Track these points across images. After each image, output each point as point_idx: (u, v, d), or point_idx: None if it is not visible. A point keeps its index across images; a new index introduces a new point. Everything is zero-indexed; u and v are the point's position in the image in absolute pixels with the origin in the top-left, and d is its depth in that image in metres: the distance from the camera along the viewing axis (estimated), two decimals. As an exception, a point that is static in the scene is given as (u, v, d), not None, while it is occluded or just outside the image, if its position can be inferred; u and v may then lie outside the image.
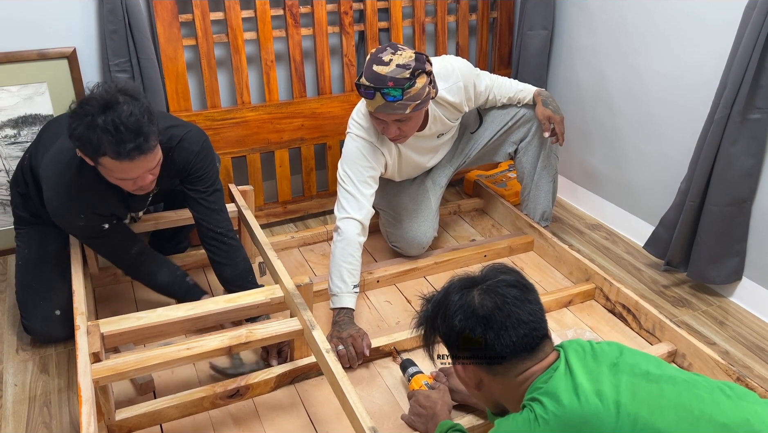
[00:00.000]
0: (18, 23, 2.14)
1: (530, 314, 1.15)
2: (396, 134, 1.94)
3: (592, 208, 2.76)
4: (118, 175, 1.59)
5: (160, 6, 2.22)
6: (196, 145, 1.82)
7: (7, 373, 1.87)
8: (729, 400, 1.07)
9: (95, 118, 1.49)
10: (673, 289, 2.27)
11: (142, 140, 1.52)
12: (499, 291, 1.16)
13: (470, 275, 1.24)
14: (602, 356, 1.14)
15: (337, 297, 1.92)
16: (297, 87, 2.52)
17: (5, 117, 2.21)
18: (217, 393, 1.67)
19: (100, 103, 1.50)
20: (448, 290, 1.22)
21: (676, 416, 1.03)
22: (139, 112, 1.51)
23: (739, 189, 2.05)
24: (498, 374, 1.17)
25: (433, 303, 1.25)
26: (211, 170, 1.87)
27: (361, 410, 1.37)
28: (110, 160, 1.53)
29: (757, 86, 1.91)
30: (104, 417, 1.54)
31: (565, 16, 2.70)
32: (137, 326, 1.61)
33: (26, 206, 1.97)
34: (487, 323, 1.13)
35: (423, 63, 1.83)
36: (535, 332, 1.15)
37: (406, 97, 1.81)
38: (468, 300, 1.16)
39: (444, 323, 1.19)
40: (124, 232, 1.87)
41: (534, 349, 1.15)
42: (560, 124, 2.19)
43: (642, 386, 1.07)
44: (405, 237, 2.24)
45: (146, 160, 1.57)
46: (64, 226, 1.81)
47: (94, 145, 1.51)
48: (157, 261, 1.91)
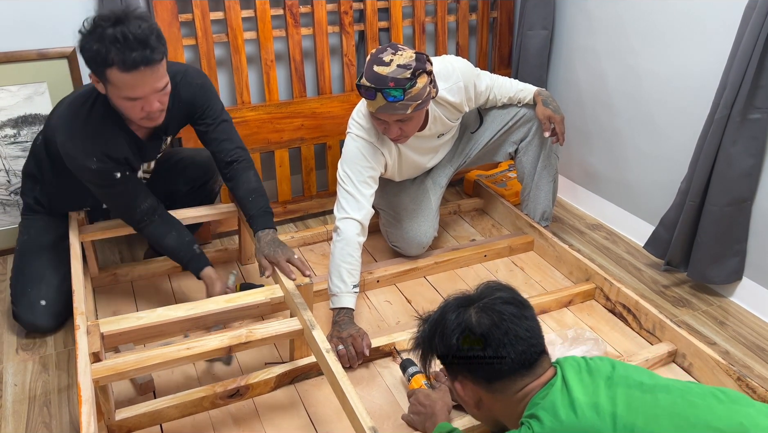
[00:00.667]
0: (18, 23, 2.14)
1: (527, 330, 1.16)
2: (397, 134, 1.94)
3: (593, 208, 2.76)
4: (125, 92, 1.63)
5: (160, 6, 2.22)
6: (199, 78, 1.91)
7: (7, 373, 1.87)
8: (722, 405, 1.07)
9: (105, 29, 1.56)
10: (673, 289, 2.27)
11: (149, 52, 1.57)
12: (495, 309, 1.17)
13: (466, 293, 1.25)
14: (597, 371, 1.15)
15: (337, 297, 1.92)
16: (297, 87, 2.52)
17: (5, 117, 2.21)
18: (217, 393, 1.67)
19: (112, 18, 1.58)
20: (445, 309, 1.22)
21: (671, 424, 1.04)
22: (148, 28, 1.58)
23: (739, 189, 2.04)
24: (497, 392, 1.17)
25: (430, 323, 1.25)
26: (216, 102, 1.95)
27: (361, 410, 1.37)
28: (117, 73, 1.58)
29: (757, 86, 1.91)
30: (104, 417, 1.54)
31: (565, 17, 2.70)
32: (137, 325, 1.61)
33: (33, 191, 2.02)
34: (485, 341, 1.14)
35: (424, 63, 1.83)
36: (532, 348, 1.16)
37: (407, 98, 1.81)
38: (465, 318, 1.17)
39: (442, 342, 1.20)
40: (136, 184, 1.90)
41: (532, 365, 1.16)
42: (560, 123, 2.19)
43: (637, 396, 1.08)
44: (405, 237, 2.24)
45: (153, 75, 1.62)
46: (77, 171, 1.83)
47: (102, 56, 1.57)
48: (169, 223, 1.95)
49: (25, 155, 2.26)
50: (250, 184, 1.93)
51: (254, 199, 1.91)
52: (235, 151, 1.94)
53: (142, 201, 1.89)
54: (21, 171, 2.08)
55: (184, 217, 2.09)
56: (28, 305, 1.96)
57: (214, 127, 1.93)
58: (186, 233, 1.97)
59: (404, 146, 2.10)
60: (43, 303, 1.95)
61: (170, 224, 1.95)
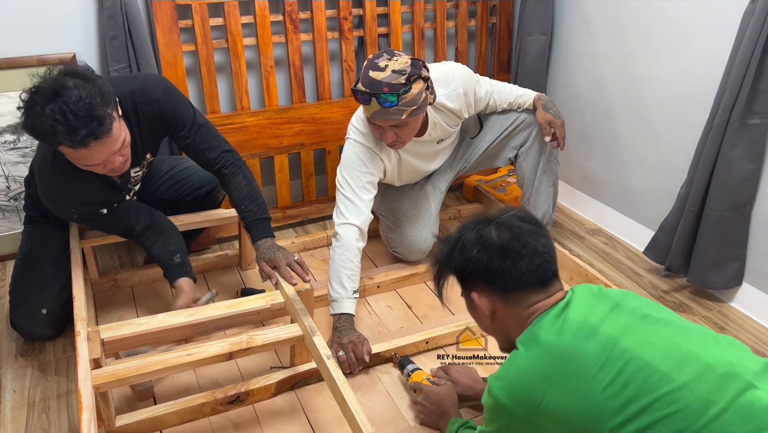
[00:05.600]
0: (18, 29, 2.14)
1: (544, 246, 1.20)
2: (393, 140, 1.94)
3: (592, 213, 2.76)
4: (81, 162, 1.56)
5: (160, 12, 2.22)
6: (157, 89, 1.77)
7: (6, 379, 1.87)
8: (718, 346, 1.11)
9: (43, 107, 1.44)
10: (673, 294, 2.27)
11: (96, 125, 1.46)
12: (514, 224, 1.21)
13: (485, 213, 1.29)
14: (607, 298, 1.19)
15: (337, 303, 1.92)
16: (296, 92, 2.52)
17: (5, 123, 2.20)
18: (218, 399, 1.66)
19: (48, 91, 1.45)
20: (464, 227, 1.26)
21: (663, 352, 1.07)
22: (87, 96, 1.46)
23: (738, 194, 2.05)
24: (512, 303, 1.21)
25: (449, 241, 1.28)
26: (184, 108, 1.83)
27: (362, 417, 1.37)
28: (67, 149, 1.50)
29: (756, 91, 1.92)
30: (104, 423, 1.54)
31: (564, 22, 2.70)
32: (137, 331, 1.61)
33: (35, 206, 1.99)
34: (504, 252, 1.18)
35: (419, 69, 1.83)
36: (548, 264, 1.20)
37: (402, 103, 1.81)
38: (485, 233, 1.21)
39: (461, 255, 1.22)
40: (125, 210, 1.87)
41: (546, 283, 1.20)
42: (561, 128, 2.20)
43: (637, 324, 1.12)
44: (405, 242, 2.24)
45: (105, 145, 1.52)
46: (63, 217, 1.82)
47: (48, 136, 1.47)
48: (157, 232, 1.92)
49: (25, 161, 2.26)
50: (240, 191, 1.91)
51: (246, 207, 1.90)
52: (221, 157, 1.90)
53: (135, 222, 1.88)
54: (23, 181, 2.06)
55: (184, 222, 2.09)
56: (28, 313, 1.94)
57: (192, 137, 1.85)
58: (172, 243, 1.93)
59: (403, 152, 2.10)
60: (44, 312, 1.94)
61: (159, 234, 1.92)
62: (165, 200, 2.13)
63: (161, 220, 1.96)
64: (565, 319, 1.14)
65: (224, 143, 1.93)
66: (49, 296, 1.95)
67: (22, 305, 1.95)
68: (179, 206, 2.15)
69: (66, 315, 1.97)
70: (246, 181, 1.92)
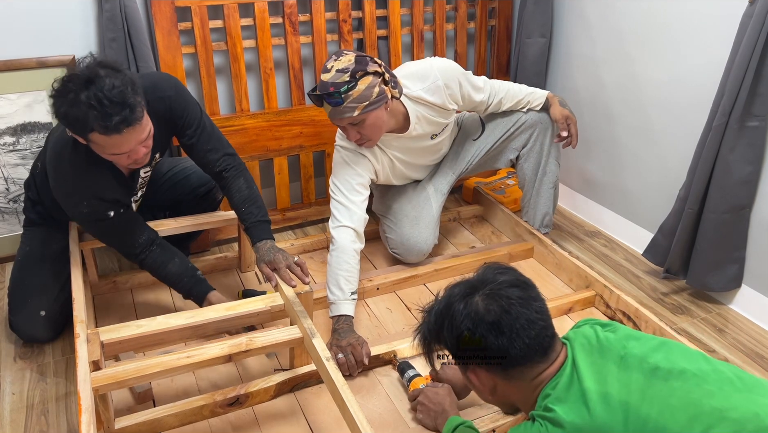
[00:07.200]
0: (17, 31, 2.14)
1: (537, 312, 1.14)
2: (357, 138, 1.95)
3: (591, 215, 2.76)
4: (110, 150, 1.58)
5: (160, 14, 2.22)
6: (170, 87, 1.82)
7: (5, 381, 1.86)
8: (739, 394, 1.06)
9: (78, 94, 1.47)
10: (672, 296, 2.27)
11: (128, 112, 1.50)
12: (502, 294, 1.14)
13: (467, 279, 1.22)
14: (609, 350, 1.13)
15: (335, 305, 1.92)
16: (296, 94, 2.53)
17: (4, 125, 2.20)
18: (217, 401, 1.66)
19: (82, 79, 1.49)
20: (450, 298, 1.19)
21: (686, 415, 1.02)
22: (121, 84, 1.50)
23: (737, 196, 2.05)
24: (514, 378, 1.16)
25: (436, 314, 1.22)
26: (193, 107, 1.86)
27: (361, 419, 1.37)
28: (99, 136, 1.52)
29: (755, 94, 1.92)
30: (103, 426, 1.54)
31: (563, 24, 2.71)
32: (137, 334, 1.60)
33: (35, 210, 2.00)
34: (498, 329, 1.12)
35: (364, 65, 1.83)
36: (545, 330, 1.14)
37: (348, 100, 1.82)
38: (473, 307, 1.14)
39: (451, 333, 1.16)
40: (131, 219, 1.87)
41: (546, 350, 1.15)
42: (575, 125, 2.21)
43: (651, 384, 1.06)
44: (405, 244, 2.24)
45: (135, 132, 1.56)
46: (71, 214, 1.81)
47: (81, 122, 1.50)
48: (169, 252, 1.91)
49: (24, 163, 2.26)
50: (241, 193, 1.92)
51: (247, 210, 1.90)
52: (223, 160, 1.91)
53: (139, 235, 1.87)
54: (23, 184, 2.05)
55: (183, 225, 2.08)
56: (27, 316, 1.94)
57: (198, 138, 1.87)
58: (186, 260, 1.93)
59: (392, 150, 2.11)
60: (42, 313, 1.94)
61: (171, 251, 1.91)
62: (165, 202, 2.13)
63: (162, 240, 1.94)
64: (584, 389, 1.08)
65: (227, 147, 1.94)
66: (48, 299, 1.95)
67: (21, 308, 1.95)
68: (179, 208, 2.15)
69: (65, 317, 1.97)
70: (247, 184, 1.93)
